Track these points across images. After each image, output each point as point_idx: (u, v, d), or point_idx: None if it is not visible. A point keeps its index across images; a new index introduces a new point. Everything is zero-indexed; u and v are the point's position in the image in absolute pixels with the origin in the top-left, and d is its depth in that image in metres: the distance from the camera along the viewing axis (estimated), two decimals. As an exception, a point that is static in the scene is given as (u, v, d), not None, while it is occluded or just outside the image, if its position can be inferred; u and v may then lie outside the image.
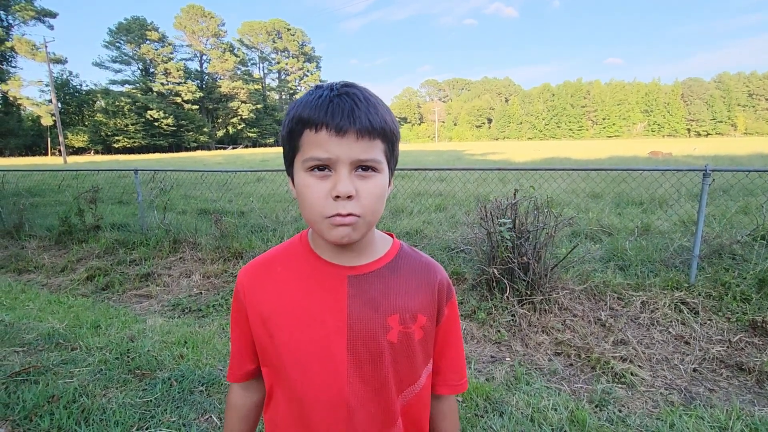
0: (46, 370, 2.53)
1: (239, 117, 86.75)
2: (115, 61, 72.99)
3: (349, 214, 0.63)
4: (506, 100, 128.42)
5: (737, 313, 3.22)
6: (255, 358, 0.83)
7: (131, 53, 73.47)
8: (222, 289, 4.37)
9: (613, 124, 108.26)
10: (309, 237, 0.79)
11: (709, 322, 3.22)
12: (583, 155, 23.69)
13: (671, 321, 3.27)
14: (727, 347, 2.94)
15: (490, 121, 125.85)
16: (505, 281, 3.47)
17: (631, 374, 2.70)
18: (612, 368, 2.74)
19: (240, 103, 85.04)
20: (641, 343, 3.05)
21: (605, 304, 3.53)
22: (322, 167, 0.63)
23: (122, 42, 72.67)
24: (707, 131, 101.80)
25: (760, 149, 23.97)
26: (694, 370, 2.78)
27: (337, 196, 0.62)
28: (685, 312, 3.32)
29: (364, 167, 0.64)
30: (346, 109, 0.62)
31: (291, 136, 0.66)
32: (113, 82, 73.76)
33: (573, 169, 4.74)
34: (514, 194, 3.52)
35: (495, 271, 3.47)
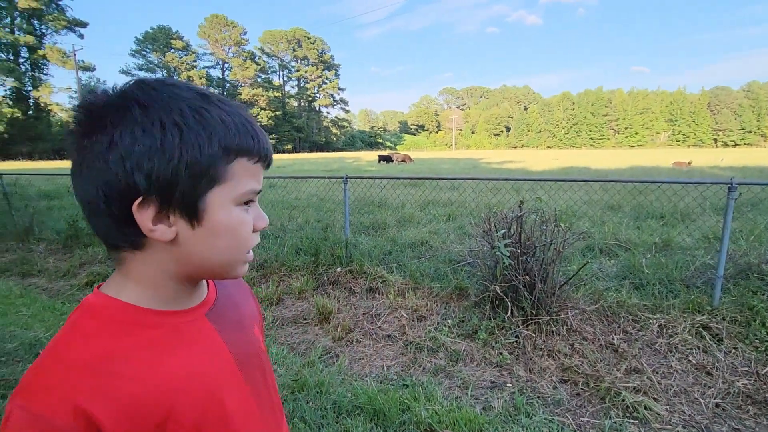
0: (17, 383, 2.42)
1: (258, 123, 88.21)
2: (140, 69, 75.24)
3: None
4: (525, 109, 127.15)
5: (766, 341, 2.92)
6: None
7: (156, 61, 75.69)
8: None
9: (636, 134, 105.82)
10: (135, 301, 0.56)
11: (734, 350, 2.92)
12: (603, 165, 23.05)
13: (691, 348, 2.98)
14: (755, 380, 2.65)
15: (508, 129, 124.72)
16: (508, 300, 3.25)
17: (645, 408, 2.44)
18: (623, 400, 2.49)
19: (259, 110, 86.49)
20: (657, 372, 2.79)
21: (618, 327, 3.27)
22: (248, 200, 0.58)
23: (148, 50, 75.01)
24: (735, 141, 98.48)
25: (793, 160, 22.92)
26: (717, 405, 2.50)
27: (262, 228, 0.61)
28: (707, 338, 3.03)
29: None
30: (263, 135, 0.60)
31: (210, 166, 0.52)
32: (139, 89, 75.98)
33: (588, 180, 4.46)
34: (519, 206, 3.31)
35: (497, 288, 3.25)
